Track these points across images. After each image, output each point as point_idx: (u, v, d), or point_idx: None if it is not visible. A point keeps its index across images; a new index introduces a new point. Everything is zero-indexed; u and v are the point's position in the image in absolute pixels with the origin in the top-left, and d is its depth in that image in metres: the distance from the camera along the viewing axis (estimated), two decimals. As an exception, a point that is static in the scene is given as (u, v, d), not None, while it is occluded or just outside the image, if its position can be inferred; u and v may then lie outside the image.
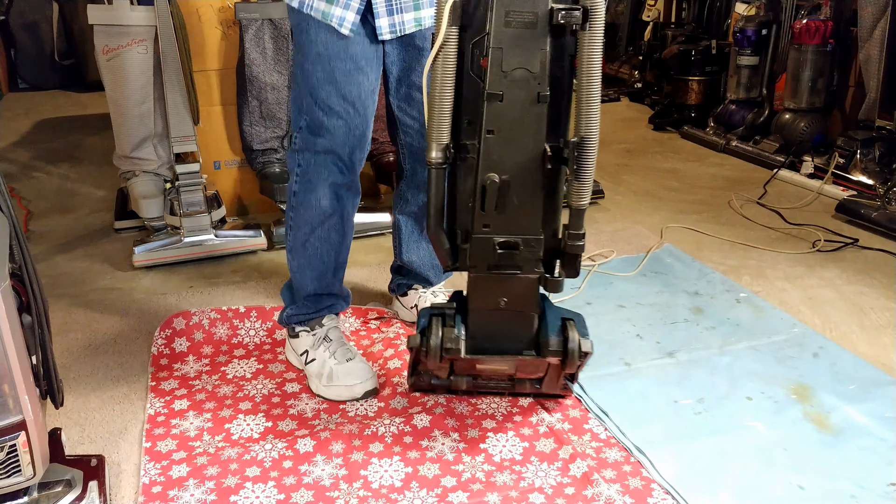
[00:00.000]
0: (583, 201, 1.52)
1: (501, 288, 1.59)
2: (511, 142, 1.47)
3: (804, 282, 2.47)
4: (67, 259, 2.71)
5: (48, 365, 1.42)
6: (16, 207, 1.73)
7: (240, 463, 1.65)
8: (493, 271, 1.57)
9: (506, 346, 1.65)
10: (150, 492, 1.58)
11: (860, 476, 1.61)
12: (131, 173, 2.90)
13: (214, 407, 1.86)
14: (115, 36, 2.67)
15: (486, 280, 1.59)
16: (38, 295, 1.38)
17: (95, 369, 2.02)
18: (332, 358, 1.89)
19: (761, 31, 3.82)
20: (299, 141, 1.84)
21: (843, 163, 3.27)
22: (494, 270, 1.57)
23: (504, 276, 1.57)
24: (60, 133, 4.33)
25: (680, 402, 1.86)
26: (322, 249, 1.91)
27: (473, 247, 1.54)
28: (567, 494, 1.56)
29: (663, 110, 4.38)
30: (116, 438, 1.75)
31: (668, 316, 2.26)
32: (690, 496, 1.55)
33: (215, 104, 2.88)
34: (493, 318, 1.62)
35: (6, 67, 5.39)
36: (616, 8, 5.38)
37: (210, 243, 2.67)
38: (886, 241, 2.77)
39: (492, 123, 1.45)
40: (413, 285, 2.17)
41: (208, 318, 2.16)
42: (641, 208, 3.13)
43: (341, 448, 1.69)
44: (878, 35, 3.20)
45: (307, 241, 1.90)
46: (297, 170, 1.86)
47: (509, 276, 1.56)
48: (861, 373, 1.96)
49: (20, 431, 1.30)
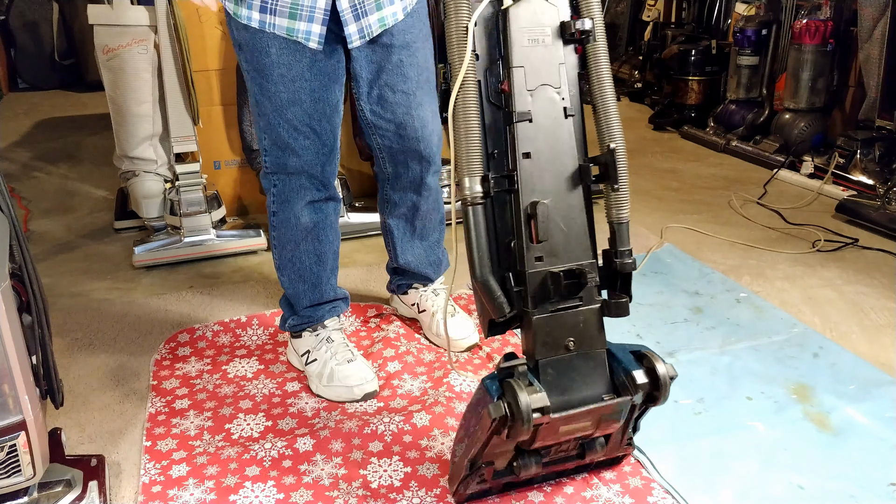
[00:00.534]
0: (624, 212, 1.43)
1: (566, 327, 1.39)
2: (547, 162, 1.38)
3: (804, 282, 2.47)
4: (67, 259, 2.71)
5: (48, 365, 1.42)
6: (16, 207, 1.73)
7: (239, 462, 1.65)
8: (556, 309, 1.39)
9: (585, 396, 1.40)
10: (149, 491, 1.58)
11: (860, 476, 1.61)
12: (131, 173, 2.90)
13: (215, 406, 1.86)
14: (115, 36, 2.67)
15: (549, 322, 1.38)
16: (38, 295, 1.38)
17: (95, 369, 2.02)
18: (333, 358, 1.89)
19: (761, 31, 3.82)
20: (269, 163, 1.82)
21: (843, 163, 3.27)
22: (557, 308, 1.39)
23: (568, 314, 1.39)
24: (60, 133, 4.33)
25: (680, 402, 1.86)
26: (310, 262, 1.90)
27: (532, 285, 1.36)
28: (566, 493, 1.56)
29: (663, 110, 4.38)
30: (116, 438, 1.76)
31: (668, 316, 2.26)
32: (690, 496, 1.55)
33: (215, 104, 2.88)
34: (563, 365, 1.39)
35: (6, 67, 5.40)
36: (616, 8, 5.39)
37: (210, 243, 2.67)
38: (886, 241, 2.78)
39: (526, 146, 1.36)
40: (413, 284, 2.17)
41: (212, 331, 2.17)
42: (641, 208, 3.13)
43: (341, 447, 1.69)
44: (878, 35, 3.20)
45: (293, 256, 1.89)
46: (273, 190, 1.85)
47: (573, 311, 1.40)
48: (861, 373, 1.96)
49: (20, 431, 1.30)
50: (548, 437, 1.38)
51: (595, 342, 1.41)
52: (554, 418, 1.33)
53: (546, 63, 1.38)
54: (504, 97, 1.39)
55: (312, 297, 1.94)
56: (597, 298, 1.42)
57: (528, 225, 1.36)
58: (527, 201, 1.37)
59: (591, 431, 1.42)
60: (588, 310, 1.40)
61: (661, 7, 4.87)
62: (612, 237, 1.44)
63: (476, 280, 1.37)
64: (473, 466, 1.44)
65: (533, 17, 1.37)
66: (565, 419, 1.35)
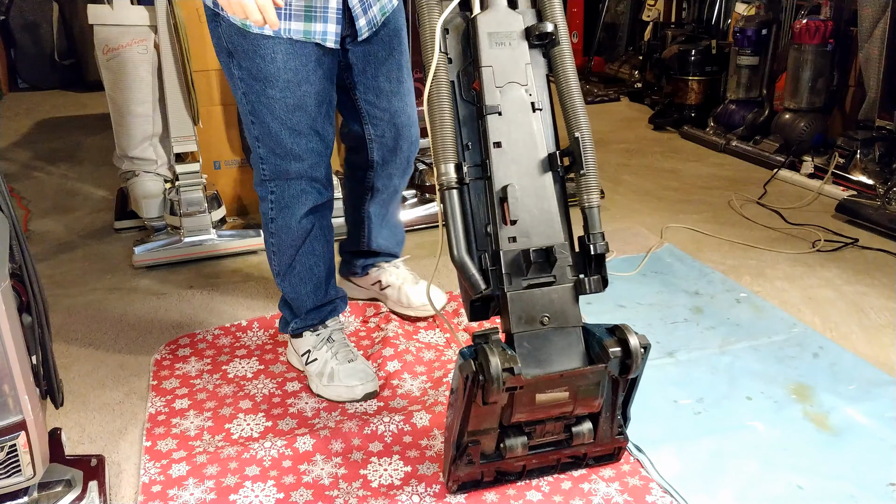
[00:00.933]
0: (593, 197, 1.51)
1: (540, 304, 1.46)
2: (517, 152, 1.49)
3: (804, 282, 2.47)
4: (67, 259, 2.71)
5: (48, 365, 1.42)
6: (16, 207, 1.73)
7: (239, 462, 1.65)
8: (530, 285, 1.47)
9: (561, 366, 1.45)
10: (149, 491, 1.58)
11: (860, 476, 1.61)
12: (131, 173, 2.90)
13: (215, 406, 1.86)
14: (115, 36, 2.67)
15: (523, 298, 1.46)
16: (38, 295, 1.38)
17: (95, 369, 2.02)
18: (333, 358, 1.89)
19: (761, 31, 3.82)
20: (267, 170, 1.79)
21: (843, 163, 3.27)
22: (531, 284, 1.47)
23: (541, 291, 1.47)
24: (60, 133, 4.33)
25: (680, 401, 1.86)
26: (310, 263, 1.90)
27: (505, 263, 1.46)
28: (564, 490, 1.56)
29: (663, 110, 4.38)
30: (116, 438, 1.76)
31: (668, 316, 2.26)
32: (689, 496, 1.55)
33: (215, 104, 2.88)
34: (539, 340, 1.45)
35: (6, 67, 5.40)
36: (616, 8, 5.39)
37: (210, 243, 2.68)
38: (886, 241, 2.78)
39: (496, 136, 1.48)
40: (376, 263, 2.21)
41: (212, 335, 2.17)
42: (641, 208, 3.13)
43: (340, 447, 1.70)
44: (878, 35, 3.20)
45: (293, 261, 1.88)
46: (271, 197, 1.82)
47: (547, 289, 1.47)
48: (861, 373, 1.97)
49: (20, 431, 1.30)
50: (525, 406, 1.42)
51: (570, 318, 1.46)
52: (526, 380, 1.37)
53: (513, 63, 1.51)
54: (476, 95, 1.50)
55: (315, 299, 1.93)
56: (570, 277, 1.49)
57: (500, 207, 1.46)
58: (499, 186, 1.46)
59: (571, 407, 1.45)
60: (561, 287, 1.47)
61: (661, 7, 4.86)
62: (584, 222, 1.52)
63: (454, 260, 1.44)
64: (460, 447, 1.47)
65: (499, 24, 1.51)
66: (539, 383, 1.40)
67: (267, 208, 1.84)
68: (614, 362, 1.44)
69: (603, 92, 4.90)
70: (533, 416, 1.46)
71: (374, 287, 2.23)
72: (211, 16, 1.69)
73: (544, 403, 1.43)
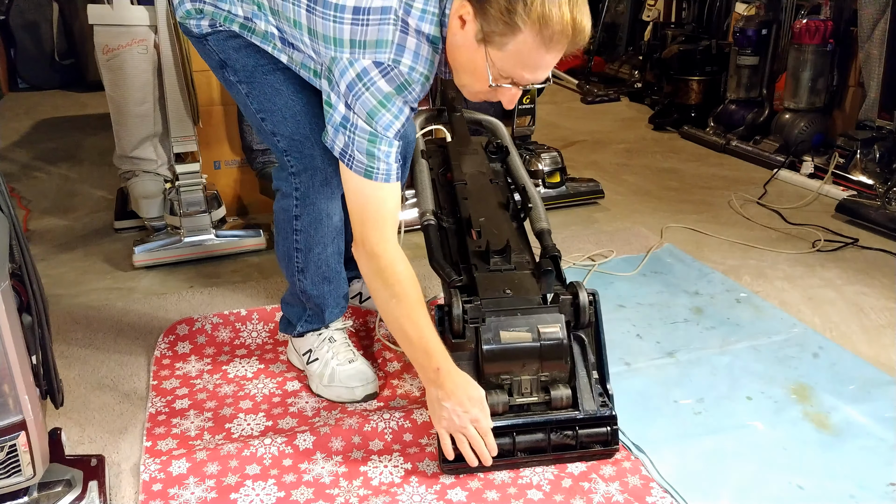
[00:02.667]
0: (542, 223, 1.95)
1: (502, 281, 1.76)
2: (480, 202, 2.03)
3: (804, 282, 2.48)
4: (67, 259, 2.71)
5: (48, 365, 1.42)
6: (16, 207, 1.73)
7: (240, 461, 1.65)
8: (494, 269, 1.79)
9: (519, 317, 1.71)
10: (150, 490, 1.58)
11: (860, 476, 1.61)
12: (131, 173, 2.90)
13: (215, 406, 1.86)
14: (115, 36, 2.67)
15: (488, 277, 1.77)
16: (38, 295, 1.38)
17: (95, 369, 2.02)
18: (334, 358, 1.89)
19: (761, 31, 3.82)
20: (294, 162, 1.74)
21: (843, 163, 3.27)
22: (495, 269, 1.79)
23: (503, 273, 1.79)
24: (60, 133, 4.33)
25: (680, 401, 1.86)
26: (335, 262, 1.87)
27: (473, 256, 1.83)
28: (564, 488, 1.56)
29: (663, 110, 4.38)
30: (116, 438, 1.76)
31: (668, 316, 2.26)
32: (689, 495, 1.55)
33: (215, 104, 2.88)
34: (502, 302, 1.70)
35: (6, 67, 5.39)
36: (616, 8, 5.39)
37: (210, 243, 2.67)
38: (886, 241, 2.78)
39: (464, 195, 2.04)
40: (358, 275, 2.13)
41: (211, 324, 2.16)
42: (641, 208, 3.13)
43: (341, 445, 1.70)
44: (878, 35, 3.20)
45: (320, 259, 1.83)
46: (296, 193, 1.76)
47: (509, 272, 1.79)
48: (861, 373, 1.97)
49: (20, 431, 1.30)
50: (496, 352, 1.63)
51: (530, 291, 1.73)
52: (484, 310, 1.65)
53: (475, 162, 2.19)
54: (448, 183, 2.12)
55: (336, 297, 1.91)
56: (528, 267, 1.82)
57: (468, 231, 1.91)
58: (465, 217, 1.95)
59: (538, 361, 1.64)
60: (520, 272, 1.80)
61: (661, 7, 4.87)
62: (538, 239, 1.94)
63: (433, 262, 1.81)
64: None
65: (465, 144, 2.23)
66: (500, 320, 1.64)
67: (291, 204, 1.78)
68: (566, 304, 1.69)
69: (603, 92, 4.90)
70: (506, 369, 1.64)
71: (354, 300, 2.22)
72: (197, 41, 1.71)
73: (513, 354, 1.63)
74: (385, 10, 1.44)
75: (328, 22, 1.47)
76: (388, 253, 1.56)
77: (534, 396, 1.65)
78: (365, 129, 1.49)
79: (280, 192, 1.81)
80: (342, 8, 1.46)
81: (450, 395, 1.55)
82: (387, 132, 1.51)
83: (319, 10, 1.48)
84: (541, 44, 1.40)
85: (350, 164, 1.53)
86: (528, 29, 1.38)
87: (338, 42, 1.47)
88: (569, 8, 1.38)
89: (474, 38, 1.43)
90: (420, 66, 1.49)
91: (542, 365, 1.65)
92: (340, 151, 1.54)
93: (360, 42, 1.46)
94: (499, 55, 1.43)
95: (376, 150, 1.51)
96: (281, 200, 1.81)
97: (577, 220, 3.01)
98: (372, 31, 1.45)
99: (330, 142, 1.55)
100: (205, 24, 1.67)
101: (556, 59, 1.45)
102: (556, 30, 1.38)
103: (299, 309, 1.93)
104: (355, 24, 1.45)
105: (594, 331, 1.73)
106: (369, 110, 1.48)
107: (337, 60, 1.48)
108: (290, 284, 1.90)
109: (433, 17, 1.47)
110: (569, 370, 1.67)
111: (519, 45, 1.41)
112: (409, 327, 1.57)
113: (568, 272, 2.49)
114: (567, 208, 3.11)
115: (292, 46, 1.61)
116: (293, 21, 1.54)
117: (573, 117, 4.56)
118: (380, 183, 1.54)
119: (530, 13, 1.36)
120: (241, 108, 1.78)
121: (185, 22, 1.69)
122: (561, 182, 3.12)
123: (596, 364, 1.72)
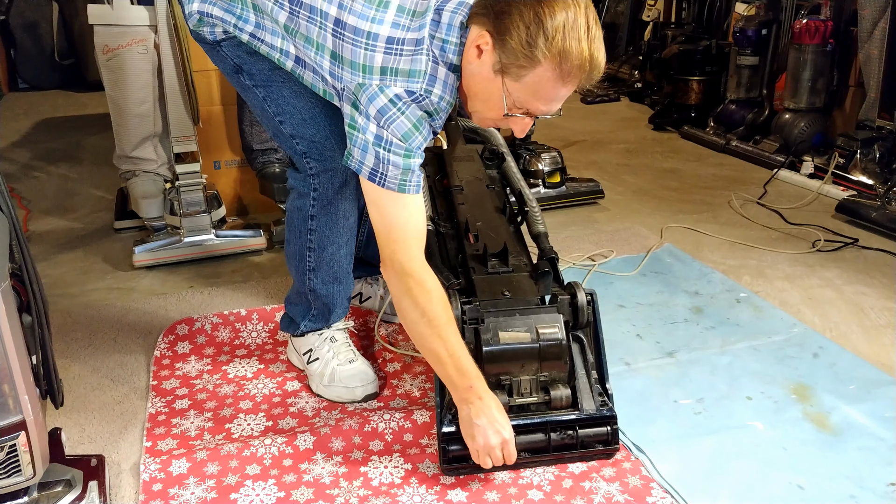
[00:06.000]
0: (539, 226, 1.97)
1: (500, 283, 1.78)
2: (477, 206, 2.06)
3: (804, 282, 2.48)
4: (67, 259, 2.71)
5: (48, 365, 1.42)
6: (16, 207, 1.73)
7: (240, 461, 1.65)
8: (492, 272, 1.82)
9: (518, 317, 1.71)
10: (150, 490, 1.58)
11: (860, 476, 1.61)
12: (131, 173, 2.90)
13: (215, 406, 1.86)
14: (115, 36, 2.67)
15: (486, 279, 1.79)
16: (38, 295, 1.38)
17: (95, 369, 2.02)
18: (335, 358, 1.89)
19: (761, 31, 3.82)
20: (313, 164, 1.75)
21: (843, 163, 3.27)
22: (493, 272, 1.82)
23: (501, 275, 1.81)
24: (60, 133, 4.33)
25: (680, 401, 1.86)
26: (346, 261, 1.88)
27: (471, 260, 1.85)
28: (565, 488, 1.56)
29: (663, 110, 4.38)
30: (116, 438, 1.76)
31: (668, 316, 2.26)
32: (690, 495, 1.55)
33: (215, 104, 2.88)
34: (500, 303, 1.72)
35: (6, 67, 5.39)
36: (616, 8, 5.39)
37: (210, 243, 2.67)
38: (886, 241, 2.78)
39: (460, 200, 2.08)
40: (359, 275, 2.15)
41: (211, 323, 2.16)
42: (641, 208, 3.13)
43: (341, 446, 1.70)
44: (878, 35, 3.20)
45: (334, 258, 1.85)
46: (314, 194, 1.78)
47: (506, 274, 1.81)
48: (861, 373, 1.97)
49: (20, 431, 1.30)
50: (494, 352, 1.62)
51: (528, 293, 1.74)
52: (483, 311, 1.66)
53: (471, 169, 2.23)
54: (446, 189, 2.16)
55: (343, 297, 1.92)
56: (526, 269, 1.83)
57: (465, 236, 1.93)
58: (462, 221, 1.98)
59: (537, 363, 1.64)
60: (518, 275, 1.81)
61: (661, 7, 4.87)
62: (535, 242, 1.95)
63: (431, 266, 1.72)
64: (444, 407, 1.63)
65: (460, 151, 2.28)
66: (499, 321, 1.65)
67: (307, 204, 1.79)
68: (564, 305, 1.70)
69: (603, 92, 4.91)
70: (505, 370, 1.64)
71: (354, 300, 2.22)
72: (210, 48, 1.71)
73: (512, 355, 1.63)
74: (419, 42, 1.47)
75: (358, 49, 1.49)
76: (417, 272, 1.56)
77: (533, 397, 1.65)
78: (400, 145, 1.51)
79: (295, 191, 1.82)
80: (375, 36, 1.48)
81: (483, 412, 1.55)
82: (418, 150, 1.54)
83: (350, 36, 1.49)
84: (558, 77, 1.42)
85: (382, 181, 1.53)
86: (548, 63, 1.40)
87: (367, 69, 1.49)
88: (587, 44, 1.40)
89: (491, 68, 1.45)
90: (447, 95, 1.53)
91: (542, 365, 1.65)
92: (371, 171, 1.53)
93: (392, 69, 1.48)
94: (515, 86, 1.45)
95: (412, 163, 1.53)
96: (296, 200, 1.82)
97: (576, 220, 3.01)
98: (405, 61, 1.48)
99: (356, 163, 1.54)
100: (219, 31, 1.67)
101: (569, 92, 1.47)
102: (575, 65, 1.40)
103: (304, 308, 1.93)
104: (388, 53, 1.48)
105: (593, 330, 1.73)
106: (403, 133, 1.50)
107: (366, 87, 1.49)
108: (299, 283, 1.90)
109: (456, 48, 1.49)
110: (568, 370, 1.68)
111: (536, 78, 1.43)
112: (439, 346, 1.56)
113: (568, 272, 2.49)
114: (567, 208, 3.11)
115: (303, 66, 1.62)
116: (316, 44, 1.54)
117: (573, 117, 4.56)
118: (410, 197, 1.55)
119: (551, 48, 1.38)
120: (257, 112, 1.78)
121: (199, 30, 1.70)
122: (561, 182, 3.12)
123: (595, 364, 1.72)
